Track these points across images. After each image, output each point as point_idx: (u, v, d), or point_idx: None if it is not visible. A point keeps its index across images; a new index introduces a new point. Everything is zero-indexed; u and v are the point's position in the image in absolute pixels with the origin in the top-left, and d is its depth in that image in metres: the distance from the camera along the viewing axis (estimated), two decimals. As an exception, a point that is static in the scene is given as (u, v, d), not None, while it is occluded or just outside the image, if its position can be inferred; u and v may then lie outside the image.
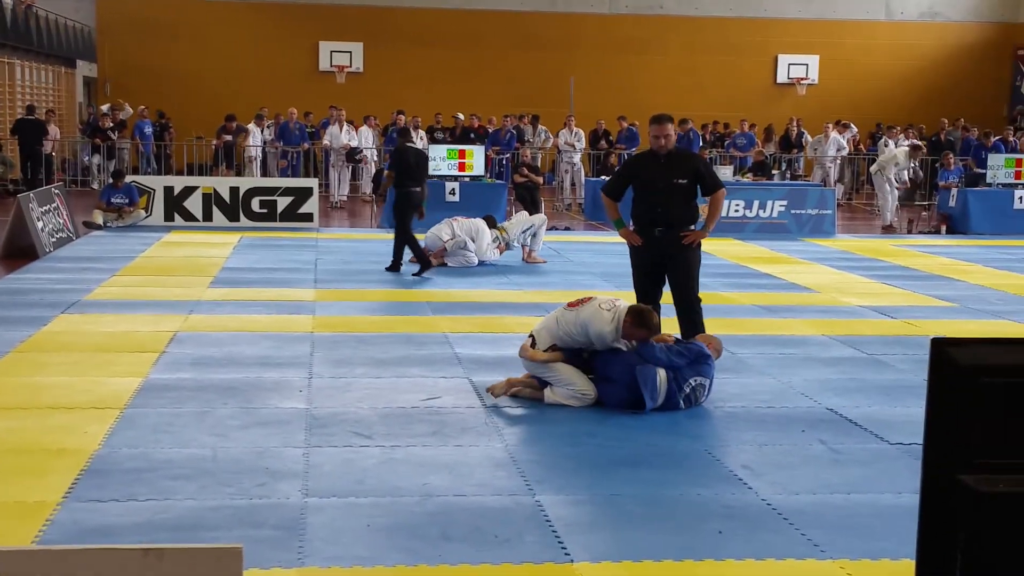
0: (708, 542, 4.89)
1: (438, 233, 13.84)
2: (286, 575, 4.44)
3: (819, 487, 5.69)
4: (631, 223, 8.25)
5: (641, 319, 7.07)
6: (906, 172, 20.94)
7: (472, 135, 23.86)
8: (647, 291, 8.13)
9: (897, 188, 20.53)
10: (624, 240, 8.27)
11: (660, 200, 8.00)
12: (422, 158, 13.67)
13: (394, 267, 13.08)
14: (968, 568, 2.17)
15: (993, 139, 24.02)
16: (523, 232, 14.19)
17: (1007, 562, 2.16)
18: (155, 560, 2.28)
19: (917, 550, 2.18)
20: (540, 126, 25.31)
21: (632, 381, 6.94)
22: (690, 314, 8.09)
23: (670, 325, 8.01)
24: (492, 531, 4.95)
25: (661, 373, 6.97)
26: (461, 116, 25.40)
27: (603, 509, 5.34)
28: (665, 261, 8.08)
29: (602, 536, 4.97)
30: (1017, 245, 17.49)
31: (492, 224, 14.23)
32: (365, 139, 23.61)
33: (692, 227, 8.12)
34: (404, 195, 12.97)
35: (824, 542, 4.92)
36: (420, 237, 13.30)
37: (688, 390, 7.04)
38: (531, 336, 7.37)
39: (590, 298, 7.33)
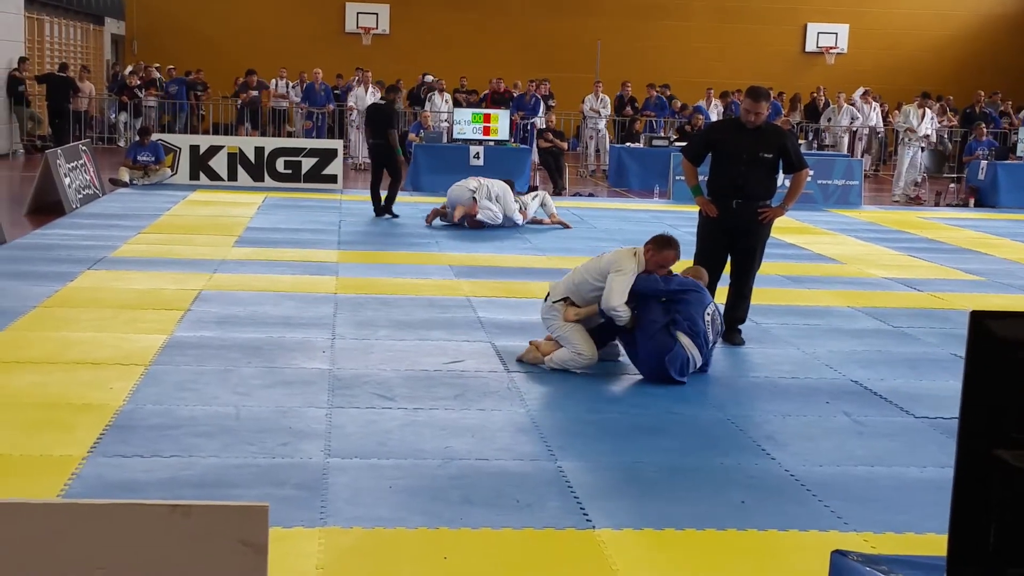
0: (730, 512, 4.87)
1: (465, 184, 13.87)
2: (308, 534, 4.45)
3: (843, 459, 5.66)
4: (707, 192, 8.09)
5: (666, 240, 7.04)
6: (927, 137, 20.49)
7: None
8: (712, 261, 7.96)
9: (922, 149, 20.22)
10: (699, 208, 8.11)
11: (741, 172, 7.86)
12: (372, 112, 15.05)
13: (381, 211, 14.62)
14: (1001, 543, 2.14)
15: (1023, 112, 23.77)
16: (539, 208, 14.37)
17: (1042, 538, 2.14)
18: (181, 517, 2.28)
19: (950, 524, 2.15)
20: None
21: (662, 362, 6.88)
22: (742, 289, 8.03)
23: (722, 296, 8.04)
24: (514, 496, 4.95)
25: (687, 345, 6.86)
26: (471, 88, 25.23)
27: (625, 476, 5.32)
28: (736, 234, 7.97)
29: (624, 503, 4.96)
30: (1046, 220, 17.32)
31: (513, 188, 14.28)
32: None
33: (769, 203, 8.02)
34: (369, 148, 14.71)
35: (847, 514, 4.90)
36: (440, 200, 13.42)
37: (709, 327, 7.01)
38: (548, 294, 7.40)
39: None
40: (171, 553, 2.29)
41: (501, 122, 18.70)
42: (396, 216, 14.62)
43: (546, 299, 7.37)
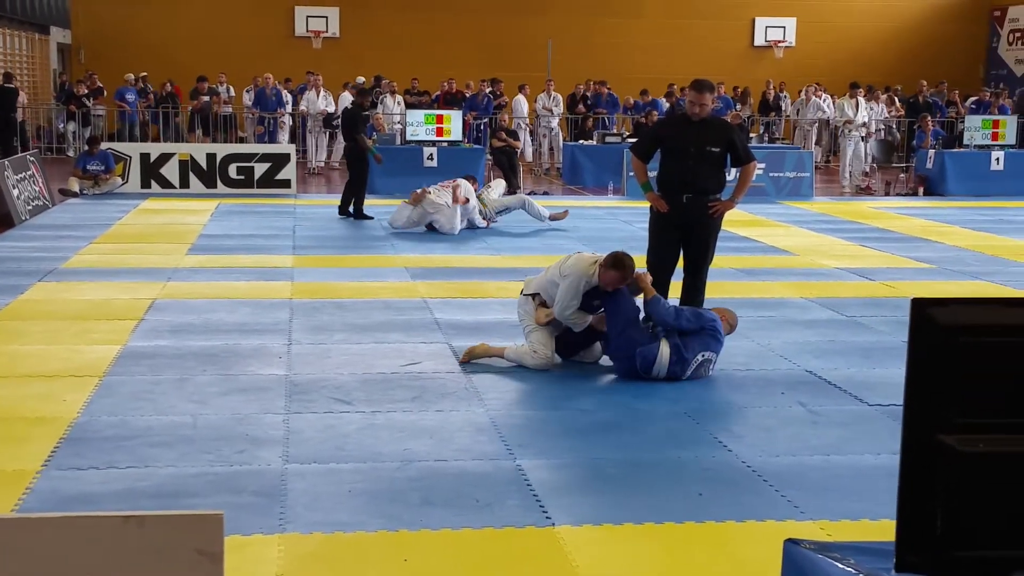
0: (688, 505, 4.91)
1: (439, 201, 13.58)
2: (267, 541, 4.44)
3: (798, 449, 5.72)
4: (656, 188, 8.11)
5: (615, 260, 6.99)
6: (864, 126, 20.68)
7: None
8: (664, 257, 8.02)
9: (864, 139, 20.44)
10: (649, 204, 8.11)
11: (690, 166, 7.89)
12: (343, 116, 15.77)
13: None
14: (948, 527, 2.18)
15: (969, 100, 24.06)
16: (499, 213, 14.19)
17: (987, 521, 2.17)
18: (135, 527, 2.27)
19: (898, 510, 2.18)
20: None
21: (635, 357, 6.89)
22: (696, 282, 8.07)
23: (676, 290, 8.05)
24: (473, 496, 4.96)
25: (663, 353, 6.84)
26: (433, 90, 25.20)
27: (584, 473, 5.35)
28: (687, 228, 8.01)
29: (583, 499, 4.98)
30: (994, 206, 17.57)
31: (473, 181, 14.23)
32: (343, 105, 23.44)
33: (719, 196, 8.07)
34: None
35: (804, 503, 4.95)
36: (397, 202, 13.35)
37: (695, 366, 6.89)
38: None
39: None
40: (126, 564, 2.28)
41: (454, 123, 18.69)
42: (370, 217, 14.61)
43: (522, 291, 7.45)
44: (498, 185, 14.93)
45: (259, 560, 4.26)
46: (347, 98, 23.63)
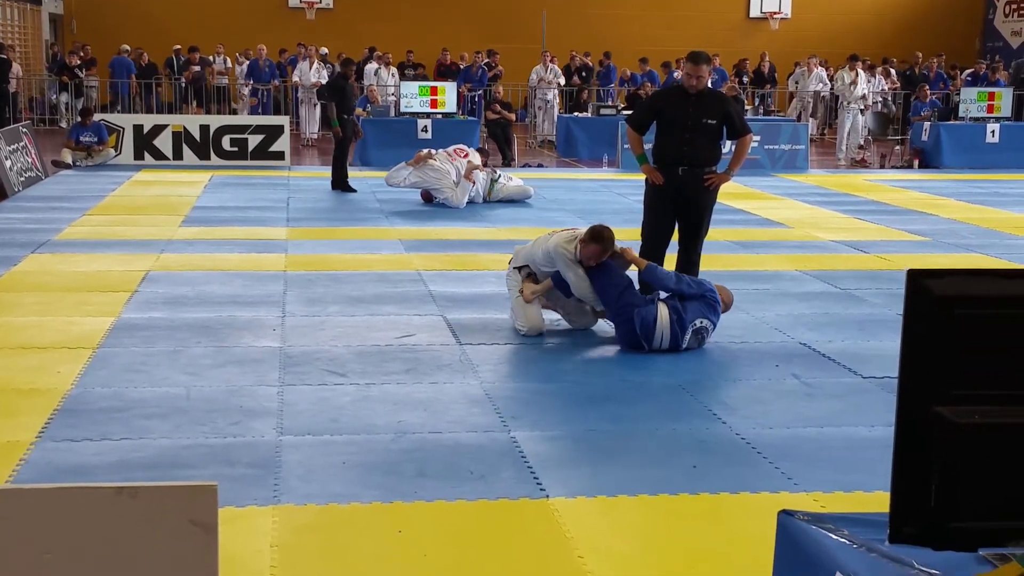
0: (683, 477, 4.92)
1: (442, 168, 13.48)
2: (262, 512, 4.44)
3: (793, 421, 5.73)
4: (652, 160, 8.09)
5: (593, 234, 7.05)
6: (863, 99, 20.64)
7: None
8: (659, 230, 8.02)
9: (862, 112, 20.41)
10: (644, 176, 8.09)
11: (686, 138, 7.85)
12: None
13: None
14: (942, 499, 2.17)
15: (965, 72, 23.99)
16: (498, 200, 13.86)
17: (981, 493, 2.17)
18: (129, 498, 2.26)
19: (892, 481, 2.18)
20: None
21: (634, 319, 6.90)
22: (691, 256, 8.05)
23: (672, 264, 8.03)
24: (467, 467, 4.96)
25: (663, 315, 6.85)
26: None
27: (578, 445, 5.35)
28: (683, 201, 7.99)
29: (577, 471, 4.99)
30: (989, 179, 17.55)
31: (484, 156, 14.05)
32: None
33: (714, 169, 8.05)
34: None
35: (797, 475, 4.96)
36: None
37: (691, 331, 6.90)
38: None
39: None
40: (119, 536, 2.27)
41: (448, 95, 18.63)
42: (354, 191, 14.55)
43: (510, 263, 7.52)
44: (515, 181, 14.44)
45: (253, 531, 4.26)
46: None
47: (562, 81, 23.22)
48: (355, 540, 4.26)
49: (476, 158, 13.88)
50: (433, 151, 13.78)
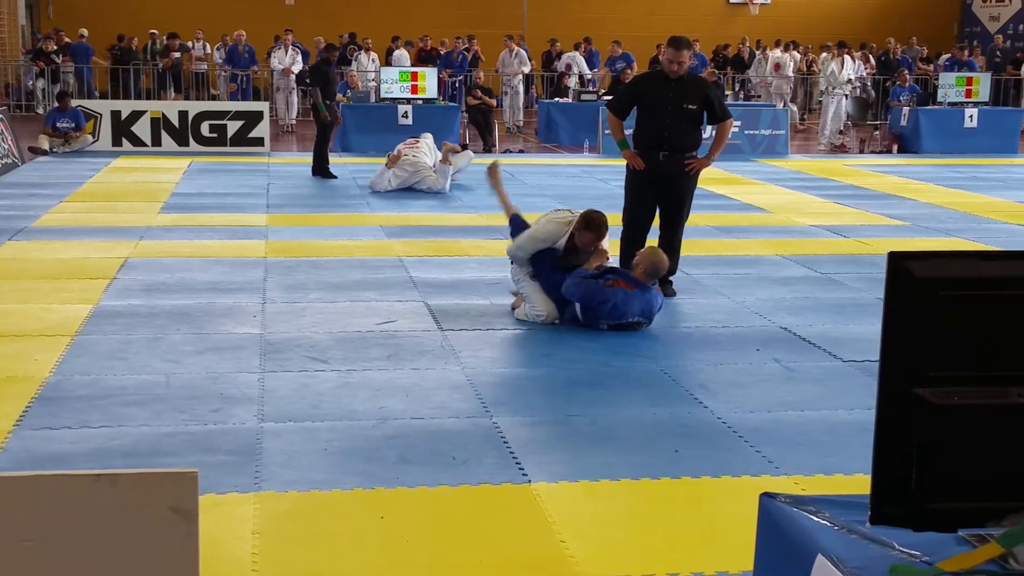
0: (665, 461, 4.93)
1: (419, 160, 13.48)
2: (243, 499, 4.43)
3: (774, 405, 5.75)
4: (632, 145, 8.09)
5: (587, 222, 7.10)
6: (849, 82, 20.69)
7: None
8: (639, 215, 8.04)
9: (846, 97, 20.46)
10: (625, 161, 8.11)
11: (666, 123, 7.85)
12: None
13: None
14: (922, 480, 2.18)
15: (943, 57, 24.04)
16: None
17: (962, 473, 2.18)
18: (108, 485, 2.25)
19: (873, 463, 2.19)
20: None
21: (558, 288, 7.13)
22: (672, 241, 8.06)
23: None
24: (449, 453, 4.96)
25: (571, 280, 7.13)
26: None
27: (560, 430, 5.35)
28: (663, 186, 7.99)
29: (559, 456, 4.99)
30: (967, 164, 17.63)
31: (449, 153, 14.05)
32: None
33: (695, 154, 8.04)
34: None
35: (778, 458, 4.97)
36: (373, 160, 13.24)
37: (605, 327, 7.04)
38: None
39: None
40: (99, 523, 2.26)
41: (429, 80, 18.57)
42: (334, 177, 14.50)
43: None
44: (465, 155, 14.44)
45: (234, 518, 4.25)
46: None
47: (527, 69, 23.17)
48: (337, 526, 4.25)
49: (429, 139, 13.88)
50: (399, 147, 13.76)
